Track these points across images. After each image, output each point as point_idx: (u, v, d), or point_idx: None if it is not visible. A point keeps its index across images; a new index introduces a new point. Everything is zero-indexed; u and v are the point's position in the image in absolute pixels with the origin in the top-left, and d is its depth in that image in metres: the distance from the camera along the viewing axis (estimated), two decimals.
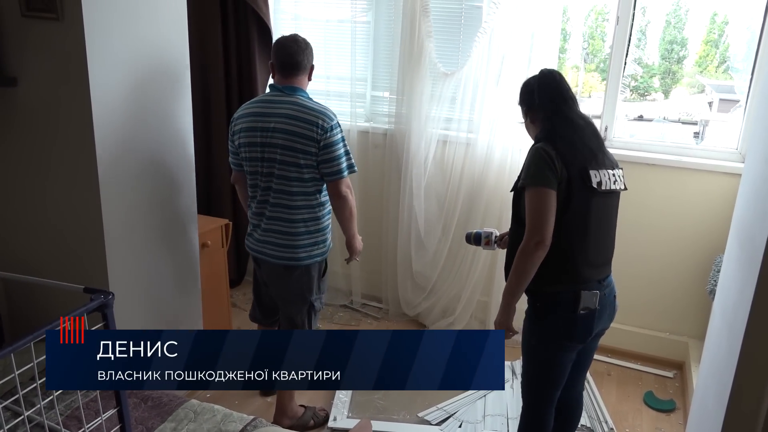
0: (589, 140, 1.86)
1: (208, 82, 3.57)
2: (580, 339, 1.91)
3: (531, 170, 1.80)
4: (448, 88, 3.22)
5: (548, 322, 1.90)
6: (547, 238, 1.77)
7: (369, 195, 3.59)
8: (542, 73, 1.94)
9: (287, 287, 2.44)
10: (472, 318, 3.39)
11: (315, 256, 2.39)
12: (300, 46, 2.30)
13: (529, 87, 1.96)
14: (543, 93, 1.91)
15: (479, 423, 2.60)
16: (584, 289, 1.84)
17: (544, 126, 1.89)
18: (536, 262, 1.80)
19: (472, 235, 2.28)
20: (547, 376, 1.97)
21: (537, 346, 1.95)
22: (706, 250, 2.98)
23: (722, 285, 1.99)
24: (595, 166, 1.82)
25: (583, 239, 1.84)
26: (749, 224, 1.66)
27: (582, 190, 1.79)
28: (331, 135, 2.23)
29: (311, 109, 2.24)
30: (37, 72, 2.09)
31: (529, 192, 1.79)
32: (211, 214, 3.40)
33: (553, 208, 1.77)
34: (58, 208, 2.21)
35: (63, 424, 1.79)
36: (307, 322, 2.48)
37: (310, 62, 2.33)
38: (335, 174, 2.25)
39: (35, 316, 2.33)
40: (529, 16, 2.97)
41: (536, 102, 1.91)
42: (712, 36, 3.34)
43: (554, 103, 1.88)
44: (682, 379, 3.09)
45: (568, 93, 1.90)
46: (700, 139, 3.37)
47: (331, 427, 2.57)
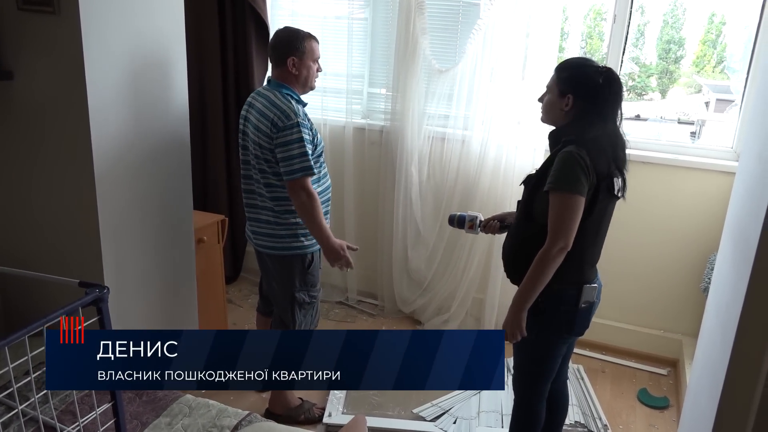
0: (620, 150, 1.84)
1: (204, 78, 3.57)
2: (580, 331, 1.94)
3: (564, 174, 1.73)
4: (443, 85, 3.22)
5: (550, 316, 1.90)
6: (570, 244, 1.75)
7: (365, 192, 3.59)
8: (612, 72, 1.82)
9: (270, 276, 2.49)
10: (468, 315, 3.39)
11: (295, 248, 2.38)
12: (276, 41, 2.33)
13: (592, 77, 1.80)
14: (608, 94, 1.80)
15: (474, 419, 2.61)
16: (586, 283, 1.87)
17: (584, 125, 1.79)
18: (556, 267, 1.78)
19: (455, 217, 2.23)
20: (542, 370, 1.99)
21: (536, 341, 1.94)
22: (701, 249, 2.99)
23: (716, 282, 2.00)
24: (618, 174, 1.82)
25: (593, 242, 1.86)
26: (743, 222, 1.67)
27: (606, 197, 1.80)
28: (284, 134, 2.20)
29: (274, 106, 2.24)
30: (33, 66, 2.09)
31: (559, 196, 1.74)
32: (207, 209, 3.40)
33: (580, 215, 1.75)
34: (54, 202, 2.21)
35: (57, 419, 1.79)
36: (290, 313, 2.47)
37: (284, 56, 2.28)
38: (286, 174, 2.23)
39: (30, 310, 2.33)
40: (526, 14, 2.97)
41: (596, 98, 1.79)
42: (710, 36, 3.35)
43: (610, 107, 1.81)
44: (676, 377, 3.10)
45: (621, 104, 1.84)
46: (696, 139, 3.38)
47: (326, 423, 2.57)
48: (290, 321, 2.48)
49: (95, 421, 1.62)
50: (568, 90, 1.81)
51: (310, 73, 2.36)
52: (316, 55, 2.35)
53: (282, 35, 2.34)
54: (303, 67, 2.32)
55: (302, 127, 2.23)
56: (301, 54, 2.31)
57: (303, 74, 2.33)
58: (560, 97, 1.83)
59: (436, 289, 3.44)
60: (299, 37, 2.31)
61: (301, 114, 2.26)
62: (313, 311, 2.53)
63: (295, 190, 2.24)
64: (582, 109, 1.80)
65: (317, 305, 2.55)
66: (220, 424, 1.97)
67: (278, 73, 2.34)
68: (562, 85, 1.83)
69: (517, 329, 1.86)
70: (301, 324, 2.50)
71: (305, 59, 2.32)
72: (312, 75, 2.37)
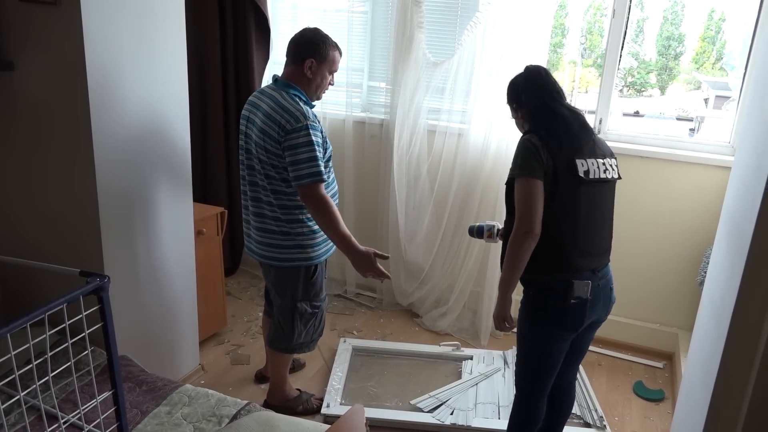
0: (576, 130, 1.88)
1: (204, 71, 3.57)
2: (572, 328, 1.94)
3: (518, 161, 1.84)
4: (440, 79, 3.23)
5: (541, 310, 1.93)
6: (535, 227, 1.79)
7: (365, 185, 3.61)
8: (527, 70, 1.99)
9: (270, 282, 2.43)
10: (465, 308, 3.41)
11: (297, 260, 2.30)
12: (300, 37, 2.24)
13: (515, 84, 2.00)
14: (528, 88, 1.95)
15: (471, 410, 2.63)
16: (576, 278, 1.86)
17: (531, 119, 1.94)
18: (526, 251, 1.82)
19: (474, 228, 2.29)
20: (540, 365, 2.00)
21: (530, 335, 1.98)
22: (697, 242, 3.01)
23: (711, 275, 2.02)
24: (581, 156, 1.84)
25: (573, 228, 1.86)
26: (738, 214, 1.69)
27: (568, 180, 1.82)
28: (292, 138, 2.10)
29: (282, 109, 2.14)
30: (34, 57, 2.09)
31: (517, 183, 1.83)
32: (207, 202, 3.42)
33: (539, 197, 1.79)
34: (55, 193, 2.22)
35: (58, 407, 1.81)
36: (290, 324, 2.40)
37: (303, 55, 2.20)
38: (295, 180, 2.13)
39: (31, 299, 2.35)
40: (524, 9, 2.97)
41: (522, 98, 1.96)
42: (710, 32, 3.35)
43: (539, 97, 1.93)
44: (671, 370, 3.13)
45: (553, 86, 1.95)
46: (695, 135, 3.39)
47: (324, 414, 2.59)
48: (290, 330, 2.42)
49: (96, 410, 1.63)
50: (511, 104, 2.03)
51: (324, 82, 2.27)
52: (335, 66, 2.27)
53: (309, 34, 2.23)
54: (318, 73, 2.23)
55: (312, 129, 2.11)
56: (322, 59, 2.22)
57: (317, 80, 2.24)
58: (514, 112, 2.04)
59: (434, 282, 3.46)
60: (326, 42, 2.23)
61: (310, 116, 2.15)
62: (315, 321, 2.46)
63: (306, 198, 2.15)
64: (528, 112, 1.96)
65: (321, 315, 2.47)
66: (220, 413, 1.99)
67: (290, 71, 2.24)
68: (508, 101, 2.04)
69: (502, 317, 1.94)
70: (301, 334, 2.44)
71: (323, 66, 2.23)
72: (324, 84, 2.28)
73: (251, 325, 3.36)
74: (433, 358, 3.10)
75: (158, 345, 2.56)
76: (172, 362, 2.67)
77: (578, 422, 2.63)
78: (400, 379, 2.91)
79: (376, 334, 3.35)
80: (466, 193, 3.27)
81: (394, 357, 3.09)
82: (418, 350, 3.14)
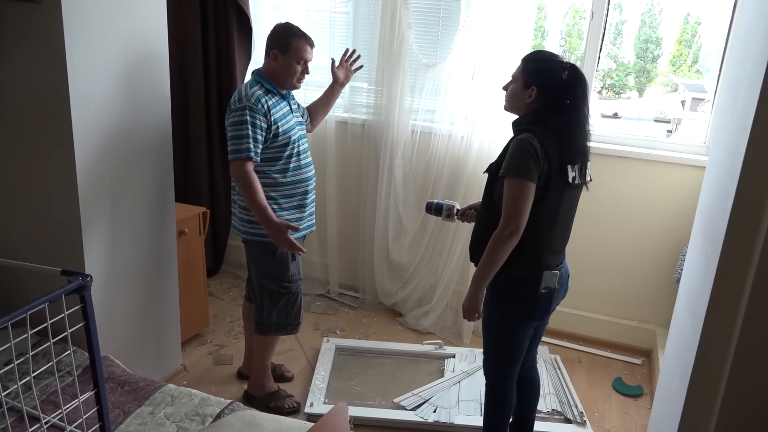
0: (579, 139, 1.87)
1: (186, 70, 3.55)
2: (540, 316, 2.01)
3: (515, 161, 1.80)
4: (429, 80, 3.25)
5: (511, 300, 1.98)
6: (521, 228, 1.82)
7: (347, 185, 3.61)
8: (575, 69, 1.85)
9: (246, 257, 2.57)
10: (448, 307, 3.44)
11: (255, 234, 2.41)
12: (271, 30, 2.39)
13: (556, 73, 1.84)
14: (571, 91, 1.84)
15: (453, 408, 2.65)
16: (546, 269, 1.92)
17: (545, 117, 1.85)
18: (509, 249, 1.85)
19: (433, 205, 2.25)
20: (508, 352, 2.05)
21: (499, 323, 2.03)
22: (674, 241, 3.07)
23: (687, 270, 2.07)
24: (573, 162, 1.86)
25: (551, 229, 1.91)
26: (712, 210, 1.73)
27: (558, 184, 1.84)
28: (230, 116, 2.29)
29: (237, 92, 2.33)
30: (14, 55, 2.07)
31: (510, 182, 1.81)
32: (189, 202, 3.39)
33: (530, 199, 1.81)
34: (36, 192, 2.19)
35: (40, 408, 1.78)
36: (259, 298, 2.52)
37: (269, 48, 2.36)
38: (227, 154, 2.30)
39: (12, 298, 2.31)
40: (505, 11, 3.01)
41: (558, 93, 1.84)
42: (686, 36, 3.42)
43: (573, 104, 1.84)
44: (650, 366, 3.18)
45: (587, 95, 1.87)
46: (672, 136, 3.45)
47: (307, 413, 2.59)
48: (259, 305, 2.54)
49: (78, 410, 1.62)
50: (533, 82, 1.86)
51: (290, 72, 2.35)
52: (300, 55, 2.34)
53: (276, 28, 2.38)
54: (285, 63, 2.33)
55: (251, 111, 2.25)
56: (285, 50, 2.33)
57: (281, 71, 2.35)
58: (524, 88, 1.88)
59: (417, 281, 3.48)
60: (289, 33, 2.34)
61: (256, 99, 2.27)
62: (287, 303, 2.51)
63: (232, 172, 2.30)
64: (544, 102, 1.86)
65: (294, 299, 2.52)
66: (203, 413, 1.98)
67: (264, 63, 2.40)
68: (527, 77, 1.88)
69: (473, 308, 1.95)
70: (271, 313, 2.51)
71: (288, 57, 2.33)
72: (292, 74, 2.36)
73: (234, 325, 3.35)
74: (416, 356, 3.12)
75: (140, 345, 2.54)
76: (154, 363, 2.65)
77: (559, 418, 2.67)
78: (384, 377, 2.92)
79: (359, 333, 3.36)
80: (451, 194, 3.29)
81: (378, 356, 3.10)
82: (401, 349, 3.15)
